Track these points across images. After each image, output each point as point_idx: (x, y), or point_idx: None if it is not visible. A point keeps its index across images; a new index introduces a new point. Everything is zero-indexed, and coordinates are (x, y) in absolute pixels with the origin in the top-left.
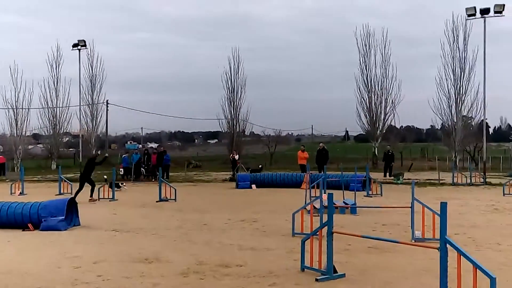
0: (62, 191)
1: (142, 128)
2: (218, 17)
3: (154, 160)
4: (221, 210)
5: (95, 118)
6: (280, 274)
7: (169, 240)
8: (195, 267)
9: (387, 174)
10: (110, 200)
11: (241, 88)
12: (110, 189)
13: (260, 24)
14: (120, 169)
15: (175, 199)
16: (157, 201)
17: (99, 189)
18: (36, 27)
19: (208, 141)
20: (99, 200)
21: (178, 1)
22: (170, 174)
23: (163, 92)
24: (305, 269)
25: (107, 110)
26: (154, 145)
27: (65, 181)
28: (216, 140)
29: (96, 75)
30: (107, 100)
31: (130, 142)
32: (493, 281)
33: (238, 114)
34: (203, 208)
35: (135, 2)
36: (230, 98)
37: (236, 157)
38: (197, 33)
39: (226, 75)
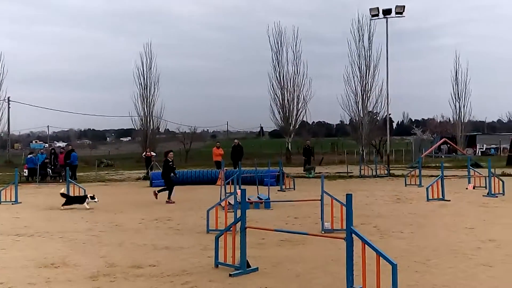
0: None
1: (48, 126)
2: (131, 12)
3: (62, 159)
4: (134, 210)
5: None
6: (193, 272)
7: (77, 243)
8: (105, 269)
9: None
10: (13, 203)
11: (154, 85)
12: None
13: (175, 20)
14: (25, 170)
15: None
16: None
17: (0, 191)
18: None
19: (121, 139)
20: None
21: None
22: (79, 174)
23: (72, 89)
24: (219, 265)
25: (8, 107)
26: (62, 144)
27: None
28: (130, 138)
29: None
30: (8, 97)
31: (36, 142)
32: (394, 267)
33: (152, 111)
34: (115, 209)
35: None
36: (143, 94)
37: (154, 154)
38: (108, 28)
39: (138, 70)
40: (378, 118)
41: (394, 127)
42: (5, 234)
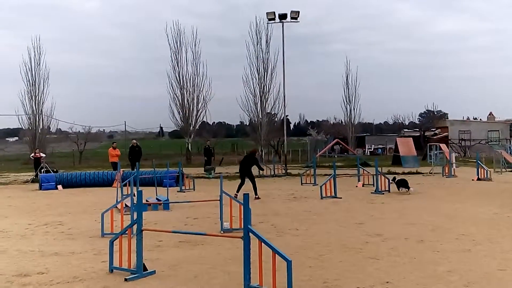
0: None
1: None
2: (21, 4)
3: None
4: (21, 215)
5: None
6: (86, 278)
7: None
8: None
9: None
10: None
11: (44, 81)
12: None
13: (70, 15)
14: None
15: None
16: None
17: None
18: None
19: (7, 139)
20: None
21: None
22: None
23: None
24: (113, 270)
25: None
26: None
27: None
28: (17, 138)
29: None
30: None
31: None
32: (289, 263)
33: (41, 109)
34: None
35: None
36: (31, 91)
37: (43, 155)
38: None
39: (25, 66)
40: (276, 119)
41: (291, 128)
42: None
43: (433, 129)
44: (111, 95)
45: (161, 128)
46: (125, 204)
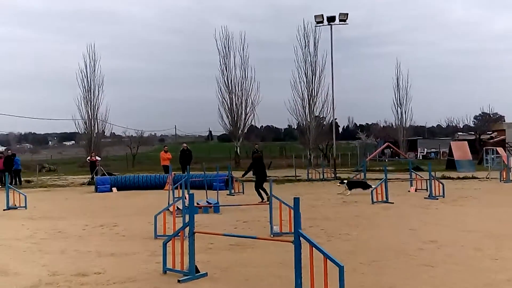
0: None
1: None
2: (78, 12)
3: (1, 164)
4: (78, 216)
5: None
6: (140, 279)
7: (17, 251)
8: (47, 278)
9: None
10: None
11: (99, 87)
12: None
13: (122, 21)
14: None
15: (25, 207)
16: (4, 210)
17: None
18: None
19: (64, 143)
20: None
21: None
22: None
23: (12, 91)
24: (167, 272)
25: None
26: (1, 148)
27: None
28: (73, 141)
29: None
30: None
31: None
32: (341, 269)
33: (96, 114)
34: (58, 215)
35: None
36: (86, 97)
37: (98, 158)
38: (51, 28)
39: (81, 73)
40: (324, 122)
41: (340, 132)
42: None
43: (489, 132)
44: (162, 100)
45: (210, 132)
46: (177, 207)
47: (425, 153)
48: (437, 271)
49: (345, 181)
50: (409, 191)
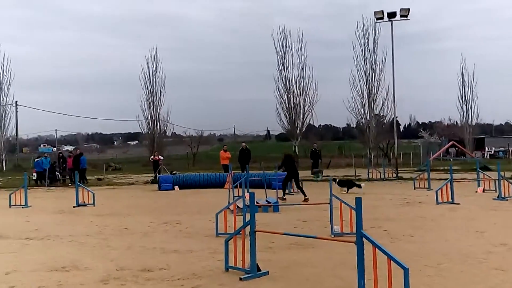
0: None
1: (56, 130)
2: (140, 16)
3: (70, 163)
4: (143, 213)
5: (3, 120)
6: (204, 276)
7: (87, 246)
8: (115, 273)
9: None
10: (22, 207)
11: (161, 88)
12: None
13: (183, 24)
14: (33, 174)
15: (93, 204)
16: (74, 206)
17: (10, 195)
18: None
19: (128, 142)
20: (10, 207)
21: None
22: (88, 177)
23: (80, 92)
24: (229, 269)
25: (16, 111)
26: (70, 147)
27: None
28: (137, 141)
29: (2, 75)
30: (16, 101)
31: (44, 145)
32: (406, 271)
33: (159, 115)
34: (124, 212)
35: (52, 0)
36: (149, 98)
37: (161, 157)
38: (118, 32)
39: (144, 74)
40: (385, 121)
41: (401, 130)
42: (15, 238)
43: None
44: (221, 100)
45: (268, 131)
46: (237, 206)
47: (492, 152)
48: (509, 276)
49: (337, 179)
50: (476, 191)
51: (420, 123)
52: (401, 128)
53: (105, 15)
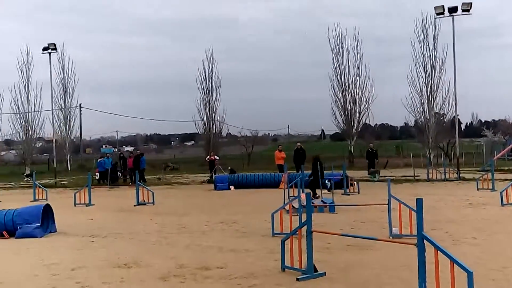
0: (37, 198)
1: (117, 131)
2: (196, 18)
3: (131, 163)
4: (200, 212)
5: (68, 122)
6: (260, 275)
7: (148, 244)
8: (175, 270)
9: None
10: (86, 206)
11: (216, 89)
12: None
13: (238, 25)
14: (96, 174)
15: (153, 203)
16: (134, 205)
17: (75, 194)
18: (6, 31)
19: (185, 143)
20: (74, 206)
21: (155, 3)
22: (147, 177)
23: (139, 94)
24: (285, 269)
25: (80, 114)
26: (130, 148)
27: (39, 187)
28: (193, 142)
29: (68, 78)
30: (80, 104)
31: (106, 146)
32: (470, 275)
33: (214, 115)
34: (182, 211)
35: (111, 5)
36: (205, 99)
37: (217, 158)
38: (173, 35)
39: (200, 76)
40: (445, 119)
41: (462, 129)
42: (80, 235)
43: None
44: (275, 100)
45: (323, 131)
46: (293, 206)
47: None
48: None
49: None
50: None
51: (483, 121)
52: (463, 126)
53: (161, 19)
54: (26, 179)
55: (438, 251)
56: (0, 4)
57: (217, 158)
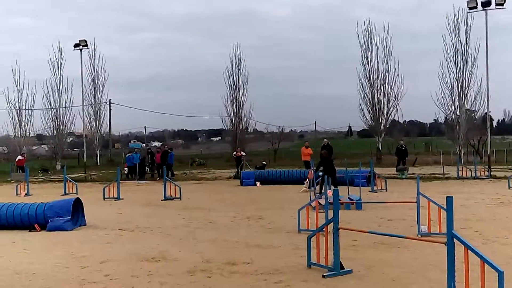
0: (67, 191)
1: (145, 127)
2: (223, 15)
3: (158, 158)
4: (226, 208)
5: (98, 118)
6: (287, 271)
7: (175, 238)
8: (201, 265)
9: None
10: (115, 200)
11: (243, 85)
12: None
13: (264, 22)
14: (125, 168)
15: (180, 198)
16: (162, 200)
17: (104, 188)
18: (40, 28)
19: (212, 139)
20: (104, 199)
21: (183, 0)
22: (176, 172)
23: (167, 91)
24: (311, 266)
25: (110, 109)
26: (157, 143)
27: (70, 181)
28: (220, 137)
29: (98, 75)
30: (109, 100)
31: (134, 141)
32: (501, 275)
33: (241, 111)
34: (208, 206)
35: (141, 2)
36: (232, 95)
37: (243, 153)
38: (201, 31)
39: (228, 72)
40: (476, 116)
41: (494, 126)
42: (109, 229)
43: None
44: (301, 96)
45: (350, 127)
46: (319, 202)
47: None
48: None
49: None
50: None
51: None
52: (494, 123)
53: (187, 15)
54: (40, 174)
55: (468, 250)
56: (34, 2)
57: (244, 154)
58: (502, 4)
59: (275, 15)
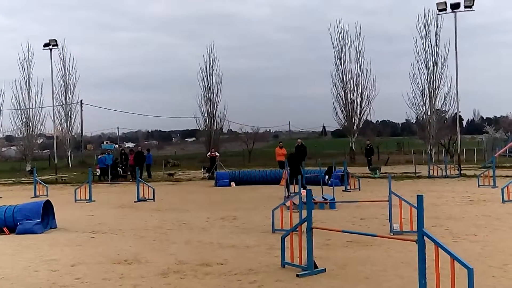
0: (37, 194)
1: (118, 127)
2: (200, 16)
3: (132, 160)
4: (200, 209)
5: (69, 119)
6: (260, 271)
7: (148, 240)
8: (175, 266)
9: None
10: (87, 202)
11: (217, 86)
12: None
13: (236, 22)
14: (97, 170)
15: (153, 199)
16: (135, 201)
17: (75, 190)
18: (13, 27)
19: (186, 139)
20: (75, 202)
21: (159, 0)
22: (153, 172)
23: (140, 91)
24: (285, 265)
25: (81, 110)
26: (131, 144)
27: (40, 183)
28: (194, 138)
29: (69, 75)
30: (81, 100)
31: (107, 142)
32: (470, 272)
33: (215, 112)
34: (182, 207)
35: (112, 1)
36: (206, 96)
37: (218, 154)
38: (179, 32)
39: (202, 73)
40: (446, 116)
41: (464, 126)
42: (81, 231)
43: None
44: (277, 96)
45: (324, 127)
46: (293, 202)
47: None
48: None
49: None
50: None
51: (485, 118)
52: (464, 123)
53: (162, 15)
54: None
55: (439, 248)
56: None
57: (218, 154)
58: (470, 7)
59: (249, 15)
